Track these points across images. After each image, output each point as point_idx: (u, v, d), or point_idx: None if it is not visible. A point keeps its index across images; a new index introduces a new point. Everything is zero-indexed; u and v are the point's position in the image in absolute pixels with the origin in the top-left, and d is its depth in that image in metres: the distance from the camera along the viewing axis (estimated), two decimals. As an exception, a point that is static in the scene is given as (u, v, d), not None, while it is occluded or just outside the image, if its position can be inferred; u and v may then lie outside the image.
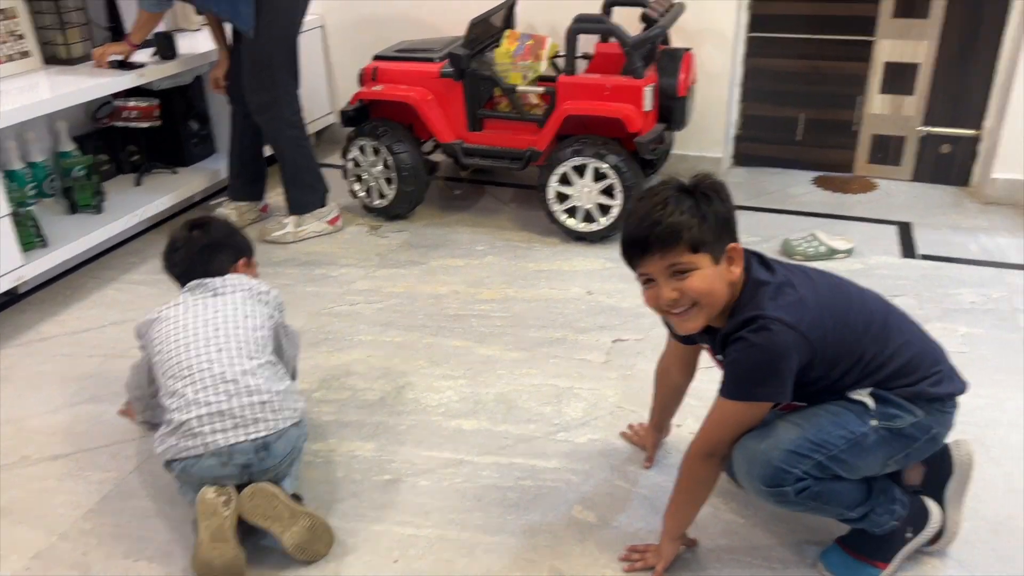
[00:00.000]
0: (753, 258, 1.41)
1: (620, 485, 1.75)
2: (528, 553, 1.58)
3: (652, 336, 2.26)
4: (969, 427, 1.87)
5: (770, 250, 2.74)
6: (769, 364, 1.32)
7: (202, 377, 1.55)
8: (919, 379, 1.39)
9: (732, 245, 1.35)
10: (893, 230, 2.90)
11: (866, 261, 2.67)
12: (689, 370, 1.68)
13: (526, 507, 1.70)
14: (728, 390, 1.37)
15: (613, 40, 2.78)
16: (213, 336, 1.60)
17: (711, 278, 1.33)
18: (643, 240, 1.33)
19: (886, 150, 3.28)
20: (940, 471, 1.55)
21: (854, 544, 1.52)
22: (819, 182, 3.32)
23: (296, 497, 1.61)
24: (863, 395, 1.38)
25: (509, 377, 2.12)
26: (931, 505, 1.53)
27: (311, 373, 2.14)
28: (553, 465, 1.81)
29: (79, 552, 1.61)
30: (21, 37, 2.71)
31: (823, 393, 1.40)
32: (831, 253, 2.67)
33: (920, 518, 1.51)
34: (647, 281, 1.38)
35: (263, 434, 1.54)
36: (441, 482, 1.77)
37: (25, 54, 2.73)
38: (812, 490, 1.36)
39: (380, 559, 1.57)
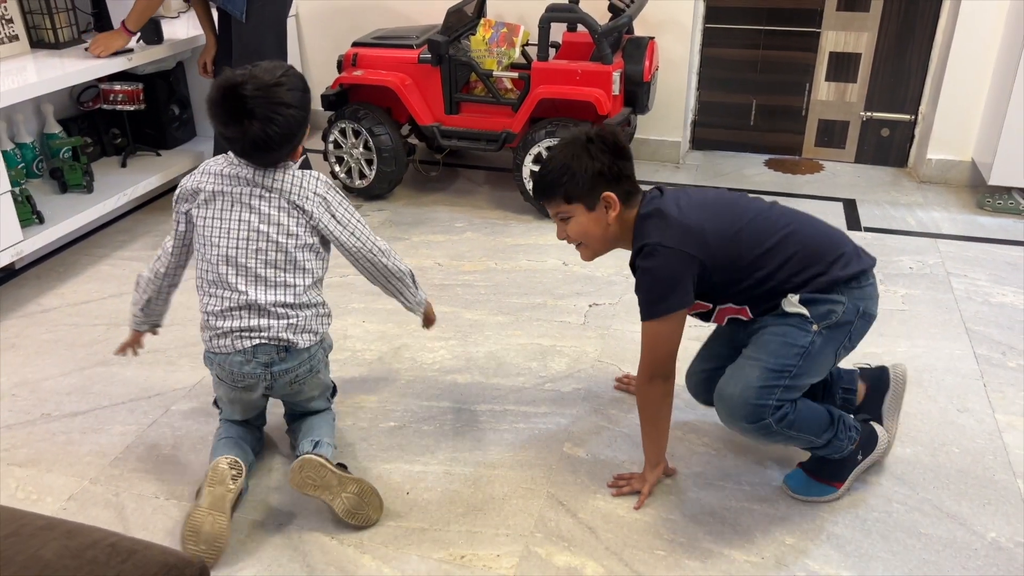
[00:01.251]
0: (648, 195, 1.63)
1: (605, 425, 1.94)
2: (526, 483, 1.76)
3: (625, 300, 2.46)
4: (910, 371, 2.11)
5: (729, 224, 2.97)
6: (663, 282, 1.55)
7: (233, 287, 1.62)
8: (828, 265, 1.56)
9: (606, 194, 1.58)
10: (839, 206, 3.15)
11: (816, 233, 2.91)
12: None
13: (521, 446, 1.87)
14: (643, 313, 1.59)
15: (581, 29, 2.98)
16: (253, 251, 1.62)
17: (586, 223, 1.61)
18: (536, 191, 1.69)
19: (831, 134, 3.54)
20: (879, 387, 1.80)
21: (814, 468, 1.73)
22: (771, 164, 3.57)
23: (341, 466, 1.67)
24: (795, 306, 1.56)
25: (496, 337, 2.30)
26: (878, 429, 1.75)
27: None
28: (543, 411, 1.99)
29: (111, 493, 1.73)
30: (10, 21, 2.78)
31: (752, 294, 1.58)
32: (784, 226, 2.90)
33: (870, 441, 1.74)
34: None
35: (284, 339, 1.63)
36: (443, 427, 1.94)
37: (14, 38, 2.80)
38: (789, 417, 1.56)
39: (393, 491, 1.73)
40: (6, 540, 1.01)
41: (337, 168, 3.22)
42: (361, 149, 3.13)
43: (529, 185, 3.02)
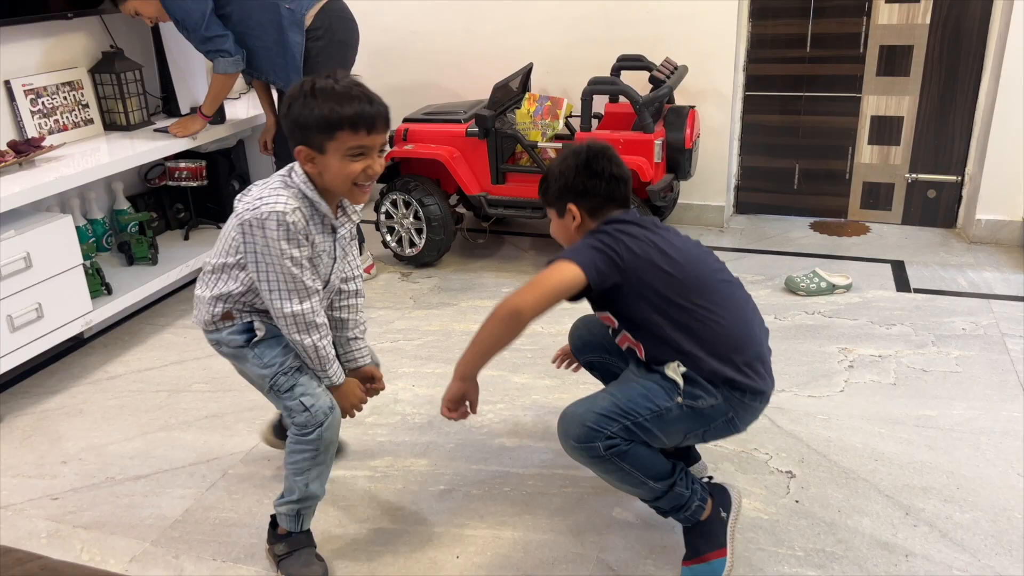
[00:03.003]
0: (620, 212, 1.68)
1: (654, 490, 1.94)
2: (576, 548, 1.76)
3: (672, 363, 2.47)
4: (966, 434, 2.08)
5: (775, 287, 2.98)
6: (588, 247, 1.59)
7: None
8: (726, 360, 1.57)
9: (569, 205, 1.69)
10: (887, 267, 3.13)
11: (864, 295, 2.90)
12: None
13: (570, 510, 1.88)
14: (557, 256, 1.60)
15: (623, 100, 3.07)
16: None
17: (556, 226, 1.77)
18: None
19: (877, 196, 3.55)
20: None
21: (691, 553, 1.68)
22: (816, 227, 3.57)
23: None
24: (675, 373, 1.57)
25: (544, 401, 2.32)
26: (725, 484, 1.75)
27: (362, 402, 2.33)
28: (591, 475, 1.97)
29: (171, 555, 1.78)
30: (86, 106, 2.98)
31: (652, 336, 1.60)
32: (831, 288, 2.90)
33: (724, 498, 1.72)
34: None
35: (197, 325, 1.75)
36: (492, 491, 1.95)
37: (89, 121, 2.99)
38: (620, 448, 1.55)
39: (443, 556, 1.75)
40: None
41: (388, 237, 3.33)
42: (411, 219, 3.24)
43: (574, 251, 3.07)
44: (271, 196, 1.57)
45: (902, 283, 3.00)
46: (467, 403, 1.66)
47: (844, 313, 2.77)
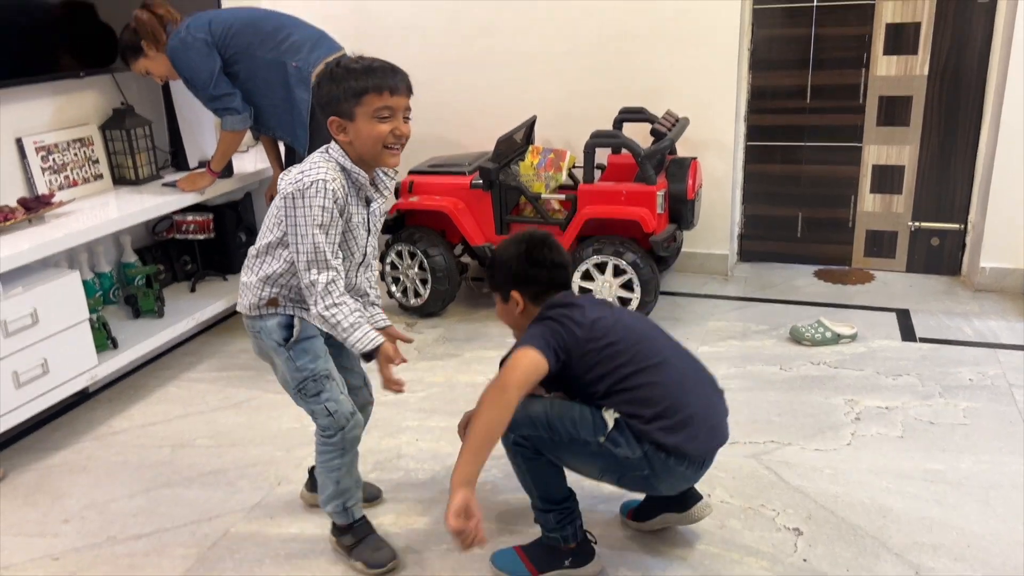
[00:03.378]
0: (561, 296, 1.79)
1: (659, 548, 1.91)
2: (580, 609, 1.73)
3: (677, 416, 2.46)
4: (975, 489, 2.06)
5: (779, 337, 2.97)
6: (540, 335, 1.68)
7: None
8: (651, 420, 1.63)
9: (513, 292, 1.80)
10: (892, 316, 3.13)
11: (869, 345, 2.89)
12: None
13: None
14: (521, 344, 1.67)
15: (625, 152, 3.10)
16: None
17: (502, 311, 1.87)
18: None
19: (880, 244, 3.56)
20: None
21: (527, 550, 1.84)
22: (820, 275, 3.58)
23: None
24: (609, 418, 1.65)
25: (548, 456, 2.31)
26: (598, 553, 1.84)
27: (365, 457, 2.31)
28: (597, 532, 1.97)
29: (171, 618, 1.76)
30: (96, 162, 3.03)
31: (584, 392, 1.70)
32: (836, 338, 2.89)
33: (585, 557, 1.82)
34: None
35: (238, 309, 1.88)
36: (495, 549, 1.93)
37: (99, 176, 3.04)
38: (525, 453, 1.72)
39: (446, 618, 1.73)
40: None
41: (393, 288, 3.34)
42: (416, 270, 3.26)
43: (579, 301, 3.09)
44: (313, 168, 1.69)
45: (907, 332, 2.99)
46: (476, 520, 1.51)
47: (850, 363, 2.76)
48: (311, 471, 2.13)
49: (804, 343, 2.90)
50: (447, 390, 2.72)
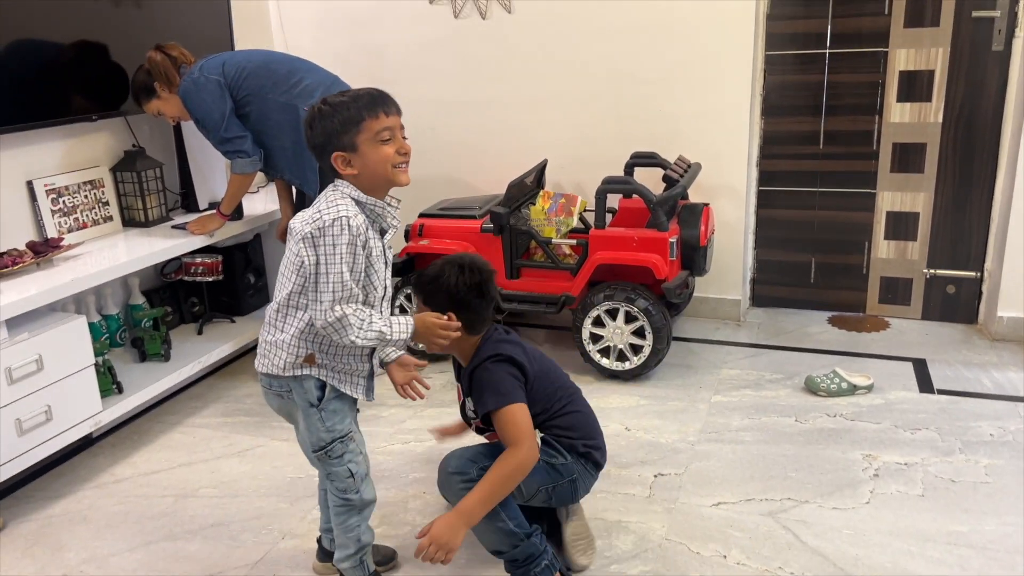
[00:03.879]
0: (498, 331, 1.98)
1: (674, 614, 1.85)
2: None
3: (692, 470, 2.41)
4: (1000, 554, 1.99)
5: (794, 386, 2.92)
6: (509, 384, 1.85)
7: None
8: (578, 438, 1.99)
9: (450, 313, 1.87)
10: (908, 366, 3.07)
11: (886, 396, 2.83)
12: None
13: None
14: (495, 403, 1.83)
15: (636, 196, 3.08)
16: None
17: (427, 318, 1.86)
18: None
19: (895, 291, 3.51)
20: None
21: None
22: (834, 321, 3.53)
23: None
24: (537, 437, 1.89)
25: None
26: None
27: (371, 510, 2.27)
28: (608, 595, 1.92)
29: None
30: (106, 203, 3.02)
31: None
32: (852, 389, 2.84)
33: None
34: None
35: (262, 370, 1.81)
36: (504, 613, 1.88)
37: (108, 219, 3.03)
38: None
39: None
40: None
41: (401, 332, 3.30)
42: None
43: (589, 347, 3.05)
44: (330, 207, 1.67)
45: (925, 383, 2.93)
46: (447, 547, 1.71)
47: (867, 416, 2.70)
48: (320, 541, 2.06)
49: (819, 394, 2.85)
50: (454, 441, 2.66)
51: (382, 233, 1.79)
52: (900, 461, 2.42)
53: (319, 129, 1.70)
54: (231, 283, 3.40)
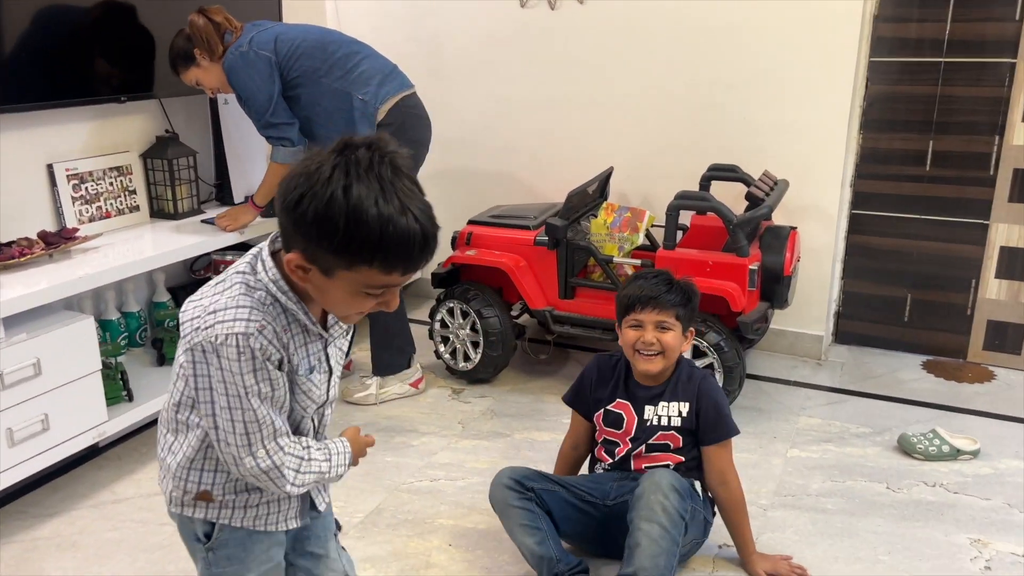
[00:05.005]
0: None
1: None
2: None
3: (764, 542, 2.04)
4: None
5: (885, 445, 2.53)
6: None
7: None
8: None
9: (691, 329, 1.99)
10: (1020, 429, 2.65)
11: (995, 465, 2.42)
12: (590, 445, 2.09)
13: None
14: (732, 430, 1.95)
15: (712, 214, 2.72)
16: None
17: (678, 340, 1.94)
18: (655, 297, 1.92)
19: (1004, 337, 3.07)
20: None
21: None
22: (929, 367, 3.11)
23: None
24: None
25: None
26: None
27: (388, 561, 1.98)
28: None
29: None
30: (133, 192, 2.80)
31: None
32: (955, 454, 2.44)
33: None
34: (634, 326, 1.95)
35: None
36: None
37: (135, 208, 2.81)
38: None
39: None
40: None
41: (442, 348, 3.01)
42: (468, 331, 2.92)
43: (649, 383, 2.70)
44: (227, 310, 1.15)
45: (1040, 450, 2.51)
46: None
47: (973, 488, 2.30)
48: None
49: (916, 456, 2.45)
50: (490, 479, 2.35)
51: (322, 338, 1.27)
52: (1017, 552, 2.03)
53: (304, 208, 1.06)
54: (263, 283, 3.15)
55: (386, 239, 1.06)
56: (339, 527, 1.50)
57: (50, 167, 2.56)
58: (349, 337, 1.35)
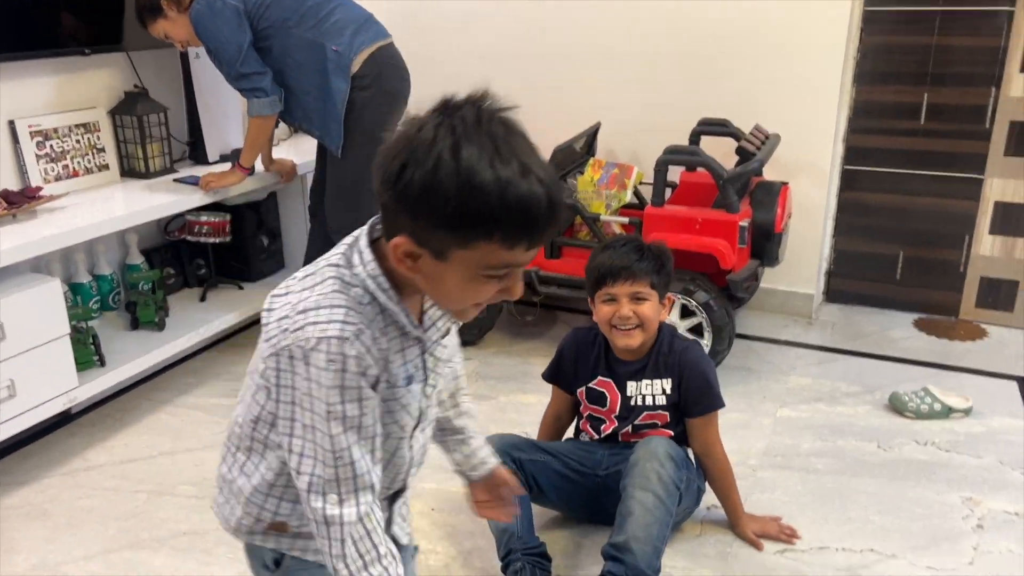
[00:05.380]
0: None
1: None
2: None
3: (753, 502, 2.00)
4: None
5: (875, 403, 2.49)
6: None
7: None
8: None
9: (668, 295, 1.92)
10: (1014, 386, 2.61)
11: (987, 423, 2.39)
12: (572, 413, 2.02)
13: None
14: (718, 402, 1.86)
15: (702, 169, 2.65)
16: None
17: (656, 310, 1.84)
18: (626, 267, 1.80)
19: (997, 294, 3.03)
20: None
21: None
22: (921, 325, 3.07)
23: None
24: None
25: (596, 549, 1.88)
26: None
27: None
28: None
29: None
30: (102, 150, 2.70)
31: None
32: (947, 412, 2.40)
33: None
34: (608, 300, 1.82)
35: (215, 512, 1.19)
36: None
37: (104, 167, 2.70)
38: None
39: None
40: None
41: (425, 310, 2.94)
42: (452, 292, 2.85)
43: (637, 343, 2.65)
44: (319, 309, 0.97)
45: (1033, 407, 2.48)
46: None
47: (965, 447, 2.26)
48: None
49: (907, 415, 2.41)
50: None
51: (420, 341, 1.08)
52: (1009, 510, 2.00)
53: (415, 182, 0.89)
54: (241, 245, 3.06)
55: (506, 206, 0.88)
56: (416, 549, 1.34)
57: (12, 123, 2.45)
58: (450, 342, 1.16)
